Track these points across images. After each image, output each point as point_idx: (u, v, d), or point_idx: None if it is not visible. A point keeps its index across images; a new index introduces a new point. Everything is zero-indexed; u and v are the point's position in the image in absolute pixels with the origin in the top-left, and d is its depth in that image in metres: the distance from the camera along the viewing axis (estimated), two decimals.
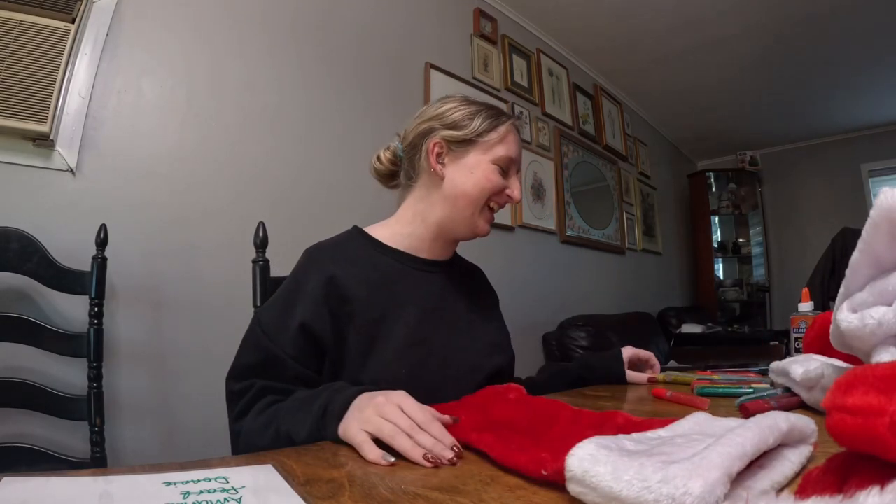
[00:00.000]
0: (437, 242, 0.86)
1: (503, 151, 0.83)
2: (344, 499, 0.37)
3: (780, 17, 2.82)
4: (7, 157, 1.18)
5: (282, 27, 1.74)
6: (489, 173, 0.82)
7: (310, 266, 0.77)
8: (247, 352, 0.72)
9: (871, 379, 0.26)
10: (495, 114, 0.86)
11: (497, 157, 0.83)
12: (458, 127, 0.83)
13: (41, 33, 1.19)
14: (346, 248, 0.81)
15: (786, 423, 0.35)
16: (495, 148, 0.83)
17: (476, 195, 0.82)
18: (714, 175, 4.78)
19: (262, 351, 0.70)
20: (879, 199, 0.36)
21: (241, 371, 0.70)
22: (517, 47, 2.79)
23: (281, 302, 0.74)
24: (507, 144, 0.84)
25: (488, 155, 0.83)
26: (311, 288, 0.73)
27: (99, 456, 1.13)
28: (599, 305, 3.02)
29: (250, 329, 0.74)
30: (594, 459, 0.30)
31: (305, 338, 0.70)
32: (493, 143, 0.83)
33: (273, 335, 0.70)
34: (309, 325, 0.70)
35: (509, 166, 0.84)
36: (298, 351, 0.70)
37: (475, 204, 0.82)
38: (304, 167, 1.72)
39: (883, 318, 0.39)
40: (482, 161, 0.82)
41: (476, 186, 0.82)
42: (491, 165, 0.82)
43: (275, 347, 0.69)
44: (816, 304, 1.00)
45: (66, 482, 0.39)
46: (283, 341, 0.70)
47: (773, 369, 0.66)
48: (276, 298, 0.76)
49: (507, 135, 0.84)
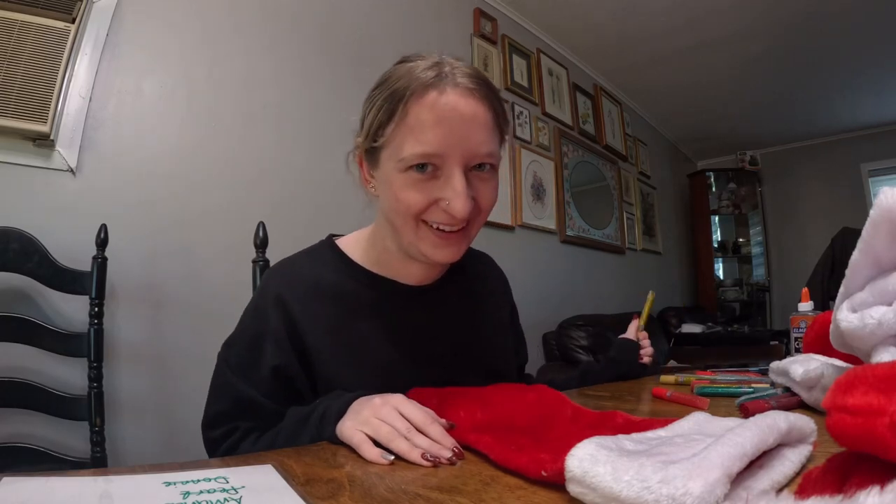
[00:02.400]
0: (413, 266, 0.68)
1: (412, 148, 0.56)
2: (344, 499, 0.37)
3: (780, 17, 2.82)
4: (7, 157, 1.18)
5: (282, 27, 1.74)
6: (399, 189, 0.58)
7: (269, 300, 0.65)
8: (219, 398, 0.64)
9: (871, 379, 0.26)
10: (396, 87, 0.57)
11: (405, 161, 0.56)
12: (364, 129, 0.62)
13: (41, 33, 1.19)
14: (310, 273, 0.67)
15: (785, 423, 0.35)
16: (402, 146, 0.57)
17: (399, 222, 0.60)
18: (714, 175, 4.79)
19: (236, 395, 0.62)
20: (879, 199, 0.36)
21: (217, 419, 0.63)
22: (517, 47, 2.79)
23: (248, 341, 0.65)
24: (417, 130, 0.56)
25: (395, 161, 0.58)
26: (275, 328, 0.63)
27: (99, 456, 1.13)
28: (599, 305, 3.02)
29: (218, 371, 0.66)
30: (594, 460, 0.30)
31: (280, 380, 0.63)
32: (401, 138, 0.57)
33: (245, 377, 0.62)
34: (281, 369, 0.63)
35: (434, 162, 0.57)
36: (274, 392, 0.63)
37: (405, 230, 0.61)
38: (305, 167, 1.72)
39: (883, 318, 0.39)
40: (390, 171, 0.59)
41: (392, 213, 0.61)
42: (401, 176, 0.58)
43: (249, 390, 0.62)
44: (816, 304, 1.00)
45: (66, 482, 0.39)
46: (257, 382, 0.62)
47: (773, 369, 0.66)
48: (240, 335, 0.66)
49: (418, 113, 0.56)
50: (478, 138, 0.58)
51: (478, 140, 0.58)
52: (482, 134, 0.58)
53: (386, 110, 0.58)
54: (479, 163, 0.59)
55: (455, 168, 0.57)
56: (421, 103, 0.56)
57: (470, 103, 0.57)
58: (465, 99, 0.57)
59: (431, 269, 0.70)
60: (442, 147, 0.56)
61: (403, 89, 0.57)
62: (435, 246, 0.61)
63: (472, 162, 0.59)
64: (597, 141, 3.40)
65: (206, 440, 0.64)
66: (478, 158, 0.59)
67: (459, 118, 0.56)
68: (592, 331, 2.58)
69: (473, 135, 0.57)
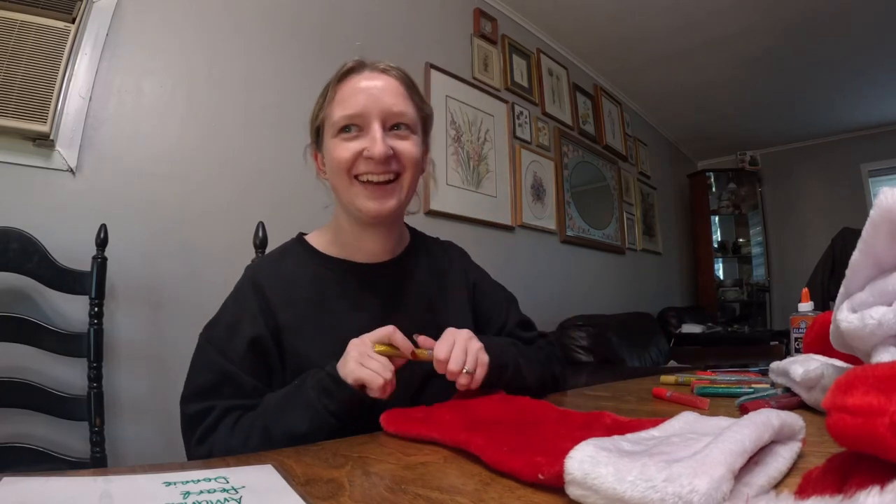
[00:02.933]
0: (363, 237, 0.76)
1: (338, 112, 0.70)
2: (344, 499, 0.37)
3: (780, 18, 2.82)
4: (7, 157, 1.18)
5: (282, 27, 1.74)
6: (331, 150, 0.71)
7: (245, 283, 0.74)
8: (200, 373, 0.68)
9: (871, 379, 0.26)
10: (331, 79, 0.75)
11: (335, 125, 0.70)
12: (310, 122, 0.77)
13: (41, 33, 1.20)
14: (282, 265, 0.76)
15: (777, 420, 0.35)
16: (332, 115, 0.71)
17: (338, 183, 0.72)
18: (714, 175, 4.79)
19: (216, 369, 0.66)
20: (879, 199, 0.36)
21: (196, 393, 0.66)
22: (517, 47, 2.79)
23: (227, 320, 0.71)
24: (342, 101, 0.71)
25: (329, 130, 0.72)
26: (250, 307, 0.70)
27: (99, 456, 1.13)
28: (599, 305, 3.02)
29: (199, 349, 0.70)
30: (595, 461, 0.30)
31: (256, 353, 0.68)
32: (331, 111, 0.72)
33: (226, 353, 0.67)
34: (258, 341, 0.68)
35: (356, 122, 0.70)
36: (251, 365, 0.67)
37: (343, 188, 0.72)
38: (304, 167, 1.71)
39: (883, 318, 0.39)
40: (327, 141, 0.73)
41: (333, 173, 0.72)
42: (333, 140, 0.71)
43: (229, 364, 0.66)
44: (816, 304, 1.00)
45: (66, 482, 0.39)
46: (237, 359, 0.67)
47: (773, 369, 0.66)
48: (220, 318, 0.72)
49: (342, 91, 0.72)
50: (390, 100, 0.71)
51: (390, 102, 0.71)
52: (394, 98, 0.72)
53: (321, 96, 0.75)
54: (395, 122, 0.72)
55: (374, 122, 0.70)
56: (345, 82, 0.72)
57: (383, 77, 0.73)
58: (379, 74, 0.73)
59: (384, 239, 0.78)
60: (361, 107, 0.69)
61: (332, 78, 0.74)
62: (367, 198, 0.71)
63: (389, 120, 0.71)
64: (597, 141, 3.41)
65: (183, 415, 0.66)
66: (393, 117, 0.71)
67: (374, 87, 0.71)
68: (592, 331, 2.58)
69: (386, 98, 0.71)
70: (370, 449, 0.52)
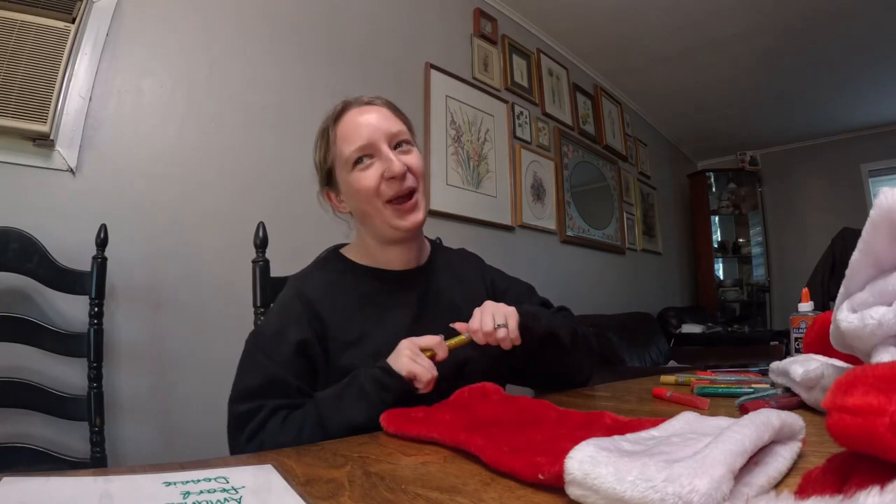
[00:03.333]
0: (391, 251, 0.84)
1: (348, 148, 0.78)
2: (344, 499, 0.37)
3: (780, 18, 2.82)
4: (7, 157, 1.18)
5: (282, 27, 1.74)
6: (355, 182, 0.78)
7: (291, 292, 0.80)
8: (248, 375, 0.73)
9: (871, 379, 0.26)
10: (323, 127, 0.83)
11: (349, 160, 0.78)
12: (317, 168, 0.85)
13: (41, 33, 1.19)
14: (322, 274, 0.83)
15: (777, 420, 0.35)
16: (342, 153, 0.79)
17: (368, 209, 0.79)
18: (714, 175, 4.79)
19: (263, 372, 0.71)
20: (879, 199, 0.36)
21: (245, 393, 0.71)
22: (517, 47, 2.79)
23: (273, 326, 0.76)
24: (347, 138, 0.78)
25: (344, 167, 0.79)
26: (297, 313, 0.76)
27: (99, 456, 1.13)
28: (599, 305, 3.02)
29: (247, 352, 0.75)
30: (595, 461, 0.30)
31: (302, 356, 0.73)
32: (339, 150, 0.79)
33: (272, 356, 0.72)
34: (304, 344, 0.73)
35: (368, 152, 0.77)
36: (296, 368, 0.72)
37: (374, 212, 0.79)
38: (305, 167, 1.71)
39: (883, 318, 0.39)
40: (345, 178, 0.80)
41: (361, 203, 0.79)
42: (352, 174, 0.78)
43: (276, 367, 0.71)
44: (816, 304, 1.00)
45: (66, 482, 0.39)
46: (283, 360, 0.72)
47: (773, 369, 0.66)
48: (266, 324, 0.79)
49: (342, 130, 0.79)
50: (388, 123, 0.79)
51: (388, 125, 0.79)
52: (388, 121, 0.80)
53: (322, 143, 0.83)
54: (397, 141, 0.80)
55: (383, 147, 0.77)
56: (340, 123, 0.80)
57: (372, 107, 0.81)
58: (368, 106, 0.81)
59: (410, 251, 0.85)
60: (367, 137, 0.77)
61: (327, 123, 0.82)
62: (399, 217, 0.79)
63: (393, 141, 0.79)
64: (597, 141, 3.41)
65: (231, 414, 0.71)
66: (395, 137, 0.79)
67: (369, 118, 0.79)
68: (592, 331, 2.57)
69: (383, 122, 0.79)
70: (370, 449, 0.52)
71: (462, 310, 0.85)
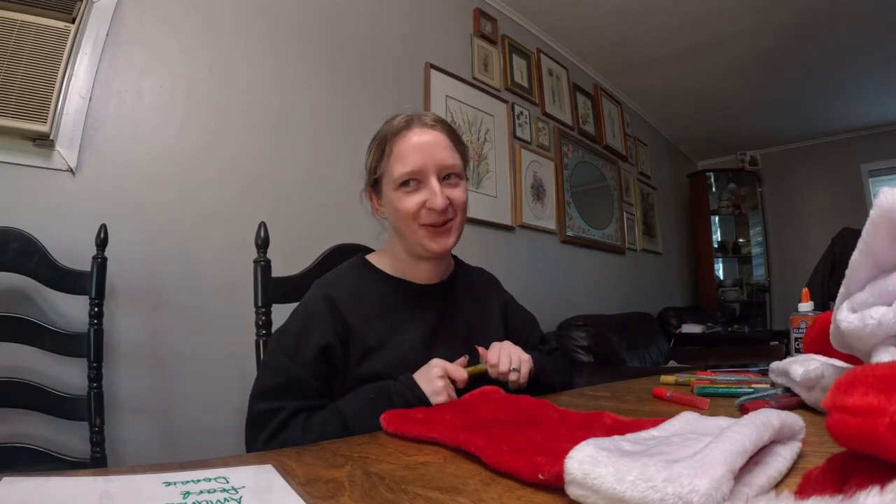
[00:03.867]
0: (419, 266, 0.87)
1: (399, 169, 0.79)
2: (344, 499, 0.37)
3: (780, 18, 2.82)
4: (7, 157, 1.18)
5: (282, 28, 1.74)
6: (397, 202, 0.80)
7: (318, 294, 0.81)
8: (269, 374, 0.75)
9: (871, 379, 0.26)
10: (382, 135, 0.83)
11: (396, 181, 0.80)
12: (367, 170, 0.87)
13: (41, 33, 1.19)
14: (349, 281, 0.85)
15: (777, 420, 0.35)
16: (392, 171, 0.80)
17: (403, 227, 0.82)
18: (714, 175, 4.79)
19: (284, 373, 0.73)
20: (879, 199, 0.36)
21: (265, 392, 0.73)
22: (517, 47, 2.79)
23: (297, 327, 0.78)
24: (401, 158, 0.80)
25: (390, 184, 0.81)
26: (322, 316, 0.78)
27: (99, 456, 1.13)
28: (599, 305, 3.02)
29: (271, 352, 0.78)
30: (595, 461, 0.30)
31: (324, 359, 0.75)
32: (390, 167, 0.81)
33: (294, 357, 0.74)
34: (328, 348, 0.75)
35: (416, 178, 0.79)
36: (318, 370, 0.75)
37: (409, 232, 0.81)
38: (305, 167, 1.72)
39: (883, 318, 0.39)
40: (389, 193, 0.82)
41: (398, 220, 0.82)
42: (396, 193, 0.80)
43: (297, 368, 0.73)
44: (816, 304, 1.00)
45: (66, 482, 0.39)
46: (304, 362, 0.74)
47: (773, 369, 0.66)
48: (291, 324, 0.80)
49: (399, 148, 0.80)
50: (442, 154, 0.81)
51: (442, 156, 0.81)
52: (445, 152, 0.81)
53: (377, 151, 0.84)
54: (447, 174, 0.81)
55: (431, 177, 0.79)
56: (400, 140, 0.81)
57: (433, 133, 0.82)
58: (429, 131, 0.82)
59: (436, 267, 0.89)
60: (419, 164, 0.79)
61: (387, 134, 0.83)
62: (430, 239, 0.81)
63: (442, 173, 0.81)
64: (597, 141, 3.41)
65: (251, 412, 0.73)
66: (445, 169, 0.81)
67: (427, 144, 0.80)
68: (592, 331, 2.58)
69: (438, 153, 0.80)
70: (370, 449, 0.52)
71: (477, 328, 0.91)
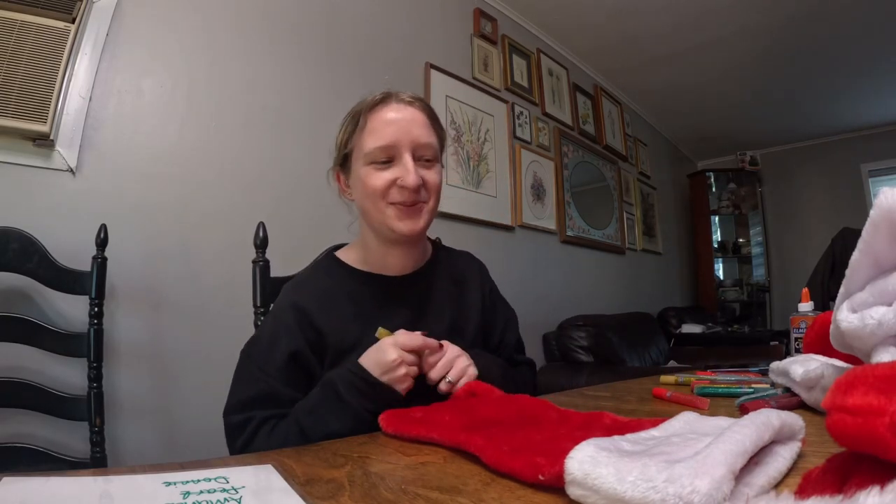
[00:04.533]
0: (391, 253, 0.82)
1: (371, 143, 0.74)
2: (344, 499, 0.37)
3: (779, 17, 2.82)
4: (7, 157, 1.18)
5: (282, 28, 1.74)
6: (366, 177, 0.75)
7: (285, 302, 0.79)
8: (241, 387, 0.73)
9: (871, 379, 0.26)
10: (356, 109, 0.78)
11: (368, 155, 0.75)
12: (336, 147, 0.82)
13: (41, 33, 1.19)
14: (318, 281, 0.82)
15: (777, 420, 0.35)
16: (364, 145, 0.76)
17: (369, 206, 0.77)
18: (714, 175, 4.79)
19: (256, 384, 0.72)
20: (879, 199, 0.36)
21: (238, 406, 0.72)
22: (517, 47, 2.79)
23: (266, 337, 0.76)
24: (374, 132, 0.75)
25: (361, 159, 0.76)
26: (290, 322, 0.75)
27: (99, 456, 1.13)
28: (599, 305, 3.02)
29: (241, 365, 0.76)
30: (595, 461, 0.30)
31: (295, 367, 0.73)
32: (362, 140, 0.76)
33: (265, 368, 0.72)
34: (296, 354, 0.73)
35: (389, 154, 0.75)
36: (289, 377, 0.73)
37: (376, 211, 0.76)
38: (305, 167, 1.72)
39: (883, 318, 0.39)
40: (358, 169, 0.77)
41: (365, 199, 0.77)
42: (366, 169, 0.76)
43: (269, 379, 0.72)
44: (816, 304, 1.00)
45: (66, 482, 0.39)
46: (275, 373, 0.72)
47: (773, 369, 0.66)
48: (260, 335, 0.78)
49: (373, 122, 0.76)
50: (418, 132, 0.76)
51: (418, 133, 0.76)
52: (421, 129, 0.77)
53: (350, 125, 0.79)
54: (422, 154, 0.77)
55: (405, 153, 0.75)
56: (375, 113, 0.76)
57: (409, 110, 0.77)
58: (406, 107, 0.77)
59: (409, 255, 0.84)
60: (393, 139, 0.74)
61: (361, 108, 0.78)
62: (398, 219, 0.76)
63: (417, 151, 0.76)
64: (597, 141, 3.41)
65: (226, 426, 0.72)
66: (421, 148, 0.76)
67: (403, 118, 0.76)
68: (592, 331, 2.58)
69: (415, 129, 0.76)
70: (370, 449, 0.52)
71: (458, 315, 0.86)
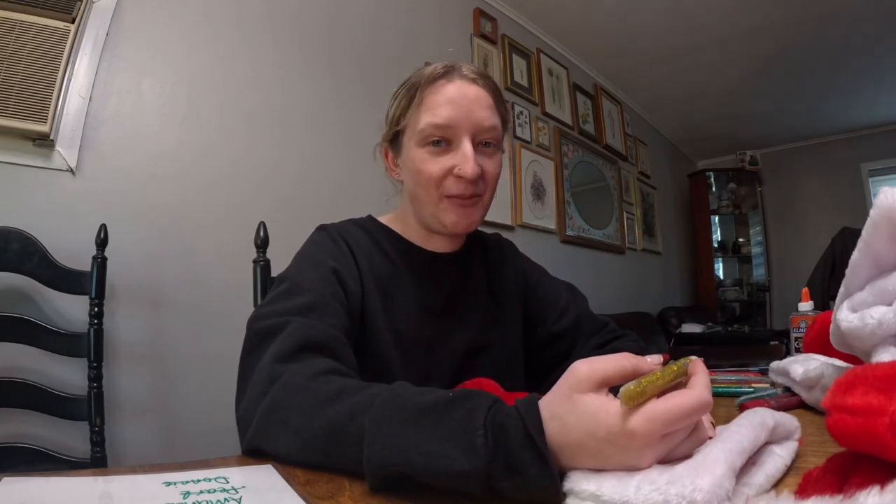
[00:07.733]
0: (433, 239, 0.76)
1: (427, 120, 0.66)
2: (344, 499, 0.37)
3: (780, 18, 2.82)
4: (7, 157, 1.17)
5: (283, 27, 1.74)
6: (419, 162, 0.67)
7: (324, 235, 0.72)
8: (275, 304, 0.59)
9: (871, 379, 0.26)
10: (413, 81, 0.69)
11: (421, 135, 0.66)
12: (388, 121, 0.73)
13: (41, 33, 1.19)
14: (360, 232, 0.74)
15: (772, 420, 0.35)
16: (419, 123, 0.66)
17: (421, 194, 0.69)
18: (714, 175, 4.78)
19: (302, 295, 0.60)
20: (879, 199, 0.36)
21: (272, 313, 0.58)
22: (517, 47, 2.79)
23: (303, 260, 0.68)
24: (431, 109, 0.66)
25: (414, 137, 0.67)
26: (332, 248, 0.69)
27: (99, 456, 1.13)
28: (599, 305, 3.00)
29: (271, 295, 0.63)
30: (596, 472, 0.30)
31: (338, 281, 0.64)
32: (418, 118, 0.67)
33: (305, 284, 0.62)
34: (338, 272, 0.65)
35: (447, 136, 0.66)
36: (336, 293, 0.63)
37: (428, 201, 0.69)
38: (305, 167, 1.72)
39: (883, 318, 0.39)
40: (411, 150, 0.68)
41: (416, 185, 0.69)
42: (419, 151, 0.67)
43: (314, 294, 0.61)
44: (816, 304, 1.00)
45: (66, 482, 0.39)
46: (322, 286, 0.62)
47: (773, 369, 0.66)
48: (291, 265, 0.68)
49: (432, 97, 0.67)
50: (481, 114, 0.67)
51: (481, 116, 0.67)
52: (485, 111, 0.68)
53: (406, 98, 0.69)
54: (483, 139, 0.68)
55: (464, 138, 0.66)
56: (433, 89, 0.67)
57: (473, 88, 0.68)
58: (469, 84, 0.68)
59: (451, 241, 0.77)
60: (452, 120, 0.65)
61: (419, 81, 0.68)
62: (453, 213, 0.68)
63: (478, 136, 0.67)
64: (597, 141, 3.40)
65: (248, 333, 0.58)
66: (482, 132, 0.68)
67: (465, 98, 0.66)
68: None
69: (477, 111, 0.67)
70: None
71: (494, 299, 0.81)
